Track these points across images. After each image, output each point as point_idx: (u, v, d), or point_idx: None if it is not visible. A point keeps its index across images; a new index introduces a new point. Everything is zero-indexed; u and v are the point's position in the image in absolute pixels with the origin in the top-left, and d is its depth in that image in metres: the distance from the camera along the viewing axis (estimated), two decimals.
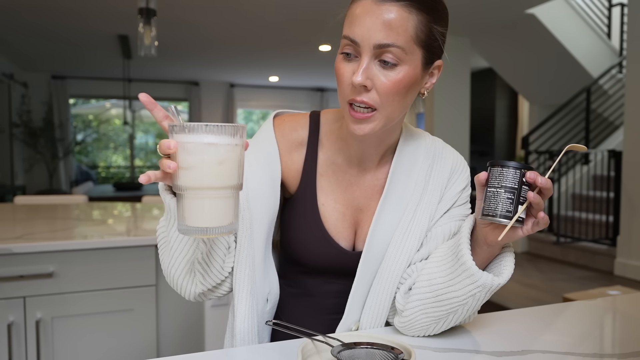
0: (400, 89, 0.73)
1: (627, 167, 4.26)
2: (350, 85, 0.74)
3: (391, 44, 0.71)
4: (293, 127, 0.88)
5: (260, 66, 7.53)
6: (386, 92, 0.73)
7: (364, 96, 0.73)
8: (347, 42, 0.73)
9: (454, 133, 5.66)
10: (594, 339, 0.85)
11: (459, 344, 0.79)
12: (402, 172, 0.86)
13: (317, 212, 0.85)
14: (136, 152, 9.62)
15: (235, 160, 0.62)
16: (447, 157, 0.89)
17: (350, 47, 0.73)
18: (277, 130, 0.87)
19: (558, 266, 4.69)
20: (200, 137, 0.60)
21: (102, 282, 1.63)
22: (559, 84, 6.06)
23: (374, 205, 0.86)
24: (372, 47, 0.71)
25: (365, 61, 0.72)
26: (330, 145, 0.87)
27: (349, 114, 0.76)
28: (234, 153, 0.62)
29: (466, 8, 4.69)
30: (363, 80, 0.71)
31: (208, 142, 0.60)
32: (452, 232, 0.85)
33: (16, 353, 1.54)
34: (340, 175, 0.87)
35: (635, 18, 4.23)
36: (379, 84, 0.72)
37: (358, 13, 0.72)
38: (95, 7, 4.57)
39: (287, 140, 0.87)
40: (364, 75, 0.71)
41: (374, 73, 0.72)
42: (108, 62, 7.03)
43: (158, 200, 2.71)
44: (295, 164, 0.87)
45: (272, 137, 0.85)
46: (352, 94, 0.74)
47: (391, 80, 0.72)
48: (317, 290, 0.89)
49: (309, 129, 0.88)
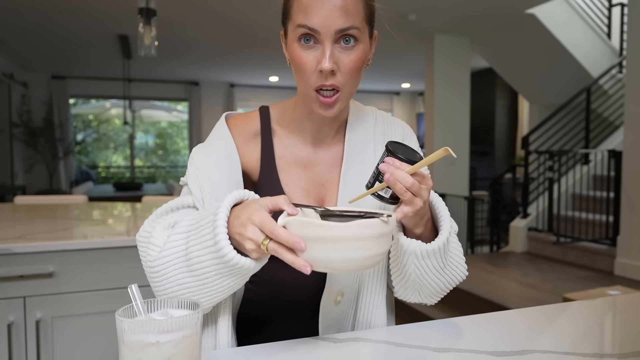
0: (359, 66, 0.79)
1: (627, 167, 4.26)
2: (316, 72, 0.77)
3: (350, 27, 0.75)
4: (245, 121, 0.91)
5: (260, 66, 7.54)
6: (350, 72, 0.78)
7: (332, 80, 0.77)
8: (304, 30, 0.76)
9: (454, 133, 5.66)
10: (594, 339, 0.85)
11: (459, 344, 0.79)
12: (357, 142, 0.91)
13: (282, 193, 0.87)
14: (136, 152, 9.63)
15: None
16: (395, 125, 0.96)
17: (308, 34, 0.76)
18: (231, 127, 0.89)
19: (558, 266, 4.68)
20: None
21: (102, 282, 1.63)
22: (559, 84, 6.06)
23: (336, 179, 0.90)
24: (333, 33, 0.75)
25: (328, 47, 0.76)
26: (283, 130, 0.91)
27: (316, 100, 0.79)
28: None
29: (466, 8, 4.70)
30: (332, 66, 0.75)
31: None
32: None
33: (16, 353, 1.54)
34: (298, 155, 0.90)
35: (635, 18, 4.23)
36: (342, 65, 0.77)
37: (311, 3, 0.75)
38: (95, 7, 4.57)
39: (241, 132, 0.89)
40: (331, 60, 0.75)
41: (337, 56, 0.77)
42: (108, 62, 7.03)
43: (158, 200, 2.71)
44: (253, 153, 0.89)
45: (227, 132, 0.88)
46: (320, 80, 0.77)
47: (352, 60, 0.77)
48: (291, 276, 0.87)
49: (261, 120, 0.91)
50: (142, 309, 0.60)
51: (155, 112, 9.70)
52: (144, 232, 0.82)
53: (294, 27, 0.77)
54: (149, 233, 0.81)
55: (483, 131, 8.46)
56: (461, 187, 5.72)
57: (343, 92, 0.79)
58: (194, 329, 0.58)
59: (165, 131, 10.35)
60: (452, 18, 5.00)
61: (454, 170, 5.65)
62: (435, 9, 4.71)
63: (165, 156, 10.29)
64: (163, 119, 10.04)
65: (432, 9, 4.70)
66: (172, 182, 7.98)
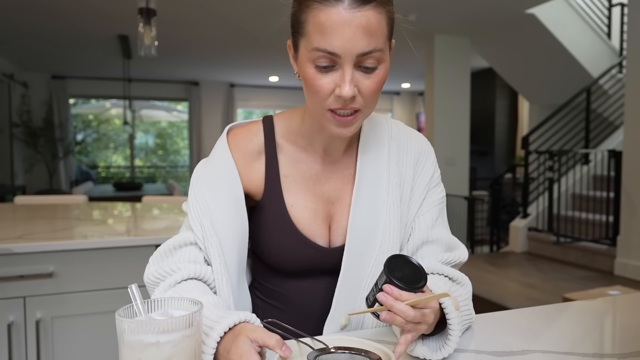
0: (381, 87, 0.74)
1: (627, 167, 4.26)
2: (333, 96, 0.71)
3: (374, 50, 0.69)
4: (247, 138, 0.85)
5: (260, 66, 7.53)
6: (372, 94, 0.73)
7: (351, 104, 0.72)
8: (321, 54, 0.69)
9: (454, 133, 5.66)
10: (594, 339, 0.85)
11: (459, 344, 0.79)
12: (370, 158, 0.85)
13: (287, 215, 0.83)
14: (136, 152, 9.62)
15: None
16: (411, 141, 0.89)
17: (327, 59, 0.69)
18: (231, 146, 0.84)
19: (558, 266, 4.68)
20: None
21: (102, 282, 1.63)
22: (559, 84, 6.06)
23: (347, 197, 0.85)
24: (354, 57, 0.69)
25: (349, 72, 0.69)
26: (290, 145, 0.85)
27: (332, 119, 0.74)
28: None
29: (466, 8, 4.69)
30: (352, 92, 0.70)
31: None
32: (433, 218, 0.87)
33: (16, 353, 1.54)
34: (306, 173, 0.85)
35: (635, 18, 4.23)
36: (364, 88, 0.71)
37: (331, 23, 0.67)
38: (95, 7, 4.57)
39: (242, 153, 0.84)
40: (352, 86, 0.70)
41: (357, 79, 0.71)
42: (108, 62, 7.03)
43: (158, 200, 2.71)
44: (257, 174, 0.85)
45: (228, 154, 0.83)
46: (337, 103, 0.72)
47: (374, 82, 0.72)
48: (299, 296, 0.87)
49: (264, 134, 0.85)
50: (142, 309, 0.60)
51: (155, 112, 9.70)
52: (151, 275, 0.81)
53: (309, 48, 0.70)
54: (156, 278, 0.81)
55: (483, 131, 8.46)
56: (461, 187, 5.72)
57: (362, 113, 0.74)
58: (194, 329, 0.58)
59: (165, 131, 10.35)
60: (452, 18, 5.00)
61: (454, 170, 5.65)
62: (435, 9, 4.71)
63: (165, 156, 10.29)
64: (163, 119, 10.03)
65: (432, 9, 4.70)
66: (172, 182, 7.98)
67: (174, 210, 2.36)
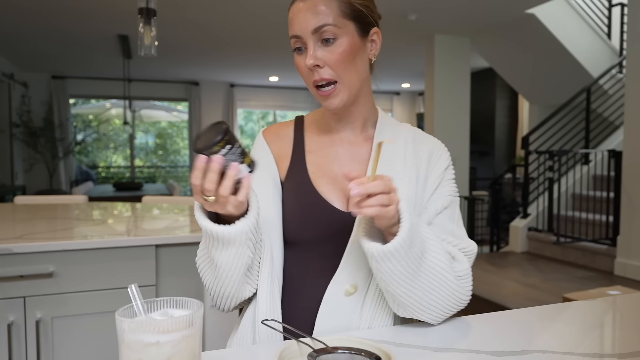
0: (347, 57, 0.85)
1: (627, 167, 4.26)
2: (308, 70, 0.86)
3: (323, 24, 0.83)
4: (280, 126, 1.01)
5: (260, 66, 7.53)
6: (336, 63, 0.85)
7: (321, 73, 0.85)
8: (293, 40, 0.86)
9: (454, 133, 5.66)
10: (594, 339, 0.85)
11: (459, 344, 0.79)
12: (387, 145, 0.94)
13: (308, 179, 0.93)
14: (136, 152, 9.62)
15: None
16: (424, 140, 0.98)
17: (298, 42, 0.86)
18: (266, 136, 1.00)
19: (558, 266, 4.68)
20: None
21: (102, 282, 1.63)
22: (559, 84, 6.06)
23: (363, 173, 0.93)
24: (310, 33, 0.84)
25: (310, 47, 0.85)
26: (315, 129, 0.99)
27: (318, 95, 0.88)
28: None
29: (466, 8, 4.69)
30: (314, 61, 0.84)
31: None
32: (443, 205, 0.92)
33: (16, 353, 1.54)
34: (326, 151, 0.96)
35: (635, 18, 4.23)
36: (327, 58, 0.85)
37: (293, 15, 0.86)
38: (95, 7, 4.57)
39: (275, 135, 0.99)
40: (313, 57, 0.84)
41: (320, 53, 0.85)
42: (108, 62, 7.03)
43: (158, 200, 2.71)
44: (285, 150, 0.98)
45: (263, 141, 0.99)
46: (312, 76, 0.86)
47: (335, 52, 0.84)
48: (313, 266, 0.91)
49: (294, 124, 1.01)
50: (142, 309, 0.60)
51: (155, 112, 9.69)
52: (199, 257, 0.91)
53: (290, 40, 0.88)
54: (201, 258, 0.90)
55: (483, 131, 8.46)
56: (461, 187, 5.72)
57: (341, 84, 0.86)
58: (194, 329, 0.58)
59: (165, 131, 10.35)
60: (452, 18, 5.00)
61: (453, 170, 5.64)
62: (435, 9, 4.71)
63: (165, 156, 10.28)
64: (163, 119, 10.03)
65: (432, 9, 4.70)
66: (172, 182, 7.98)
67: (174, 210, 2.36)
